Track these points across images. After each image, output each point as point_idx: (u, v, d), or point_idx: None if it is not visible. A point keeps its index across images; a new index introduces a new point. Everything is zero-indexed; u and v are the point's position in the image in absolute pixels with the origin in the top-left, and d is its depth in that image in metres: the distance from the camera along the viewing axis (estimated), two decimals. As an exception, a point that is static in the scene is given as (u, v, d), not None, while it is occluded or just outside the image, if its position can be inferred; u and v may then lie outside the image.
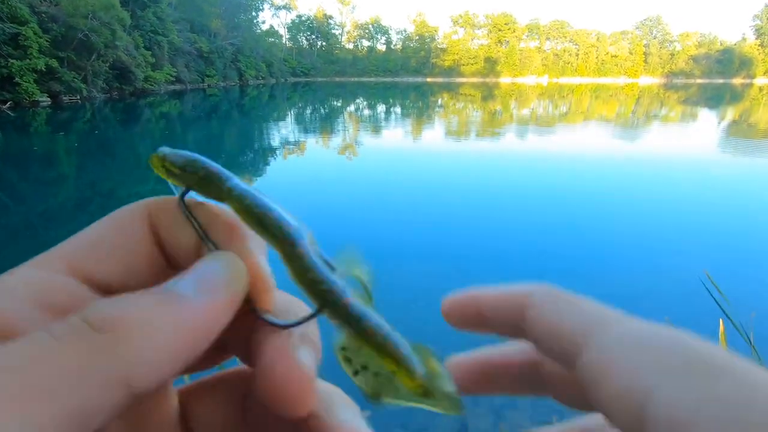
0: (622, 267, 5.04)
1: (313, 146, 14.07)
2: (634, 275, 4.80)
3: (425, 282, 4.64)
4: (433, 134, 17.26)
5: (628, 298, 4.25)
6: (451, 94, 45.95)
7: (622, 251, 5.51)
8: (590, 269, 5.00)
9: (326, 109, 30.02)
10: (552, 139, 15.91)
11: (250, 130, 18.93)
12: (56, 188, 8.93)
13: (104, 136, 15.82)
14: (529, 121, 21.63)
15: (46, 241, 2.46)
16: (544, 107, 31.82)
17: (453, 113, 26.94)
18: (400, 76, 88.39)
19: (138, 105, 27.15)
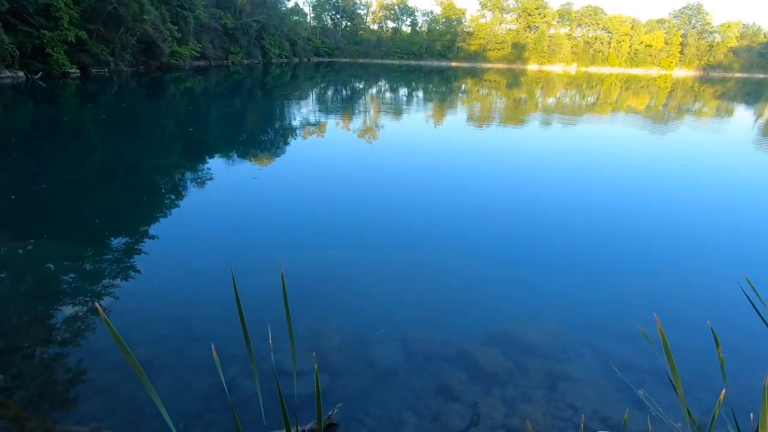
0: (656, 267, 4.90)
1: (334, 128, 14.02)
2: (672, 277, 4.68)
3: (433, 263, 4.63)
4: (454, 120, 16.97)
5: (665, 298, 4.16)
6: (476, 80, 44.94)
7: (653, 250, 5.36)
8: (623, 267, 4.89)
9: (348, 90, 29.77)
10: (578, 130, 15.46)
11: (272, 108, 18.95)
12: (83, 158, 9.16)
13: (130, 109, 16.07)
14: (555, 111, 21.05)
15: (73, 209, 2.53)
16: (571, 97, 30.87)
17: (476, 100, 26.39)
18: (424, 60, 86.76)
19: (163, 79, 27.42)
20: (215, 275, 4.31)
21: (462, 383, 2.87)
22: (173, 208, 6.41)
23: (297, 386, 2.71)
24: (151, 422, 2.46)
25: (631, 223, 6.23)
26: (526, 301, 4.04)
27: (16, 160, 8.36)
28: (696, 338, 3.40)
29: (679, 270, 4.84)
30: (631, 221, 6.33)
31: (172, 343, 3.15)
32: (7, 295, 3.83)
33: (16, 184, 6.87)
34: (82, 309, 3.60)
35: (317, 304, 3.73)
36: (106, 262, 4.49)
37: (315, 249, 4.95)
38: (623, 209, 6.85)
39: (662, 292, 4.31)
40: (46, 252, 4.63)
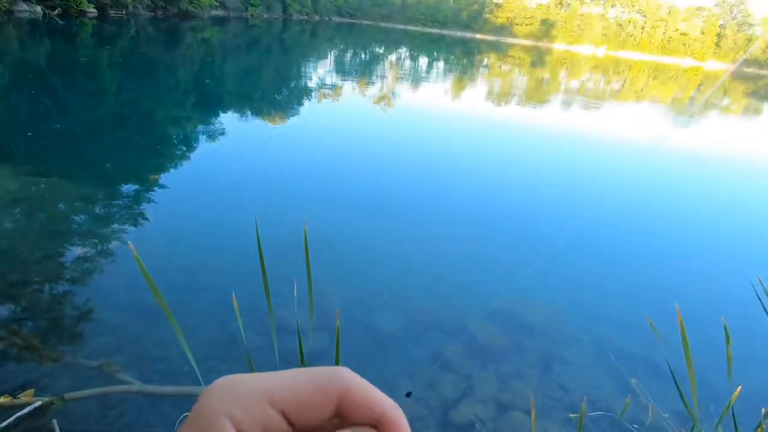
0: (665, 262, 4.87)
1: (350, 92, 13.76)
2: (681, 273, 4.66)
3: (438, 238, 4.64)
4: (472, 95, 16.58)
5: (671, 294, 4.16)
6: (499, 55, 43.56)
7: (664, 243, 5.32)
8: (629, 258, 4.87)
9: (367, 55, 29.04)
10: (596, 115, 15.06)
11: (289, 67, 18.59)
12: (98, 101, 9.11)
13: (147, 55, 15.83)
14: (576, 95, 20.46)
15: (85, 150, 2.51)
16: (596, 81, 29.92)
17: (497, 76, 25.68)
18: (448, 29, 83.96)
19: (181, 27, 26.84)
20: (222, 227, 4.36)
21: (458, 355, 2.93)
22: (183, 159, 6.41)
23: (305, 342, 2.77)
24: (157, 363, 2.55)
25: (643, 215, 6.15)
26: (529, 283, 4.06)
27: (32, 97, 8.34)
28: (700, 335, 3.41)
29: (690, 266, 4.81)
30: (643, 212, 6.25)
31: (178, 290, 3.21)
32: (21, 230, 3.90)
33: (32, 122, 6.87)
34: (91, 250, 3.67)
35: (322, 264, 3.77)
36: (115, 206, 4.54)
37: (322, 210, 4.96)
38: (635, 199, 6.75)
39: (669, 288, 4.31)
40: (58, 191, 4.68)
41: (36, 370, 2.44)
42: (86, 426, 2.08)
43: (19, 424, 2.01)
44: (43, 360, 2.52)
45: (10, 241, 3.65)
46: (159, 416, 2.23)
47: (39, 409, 2.10)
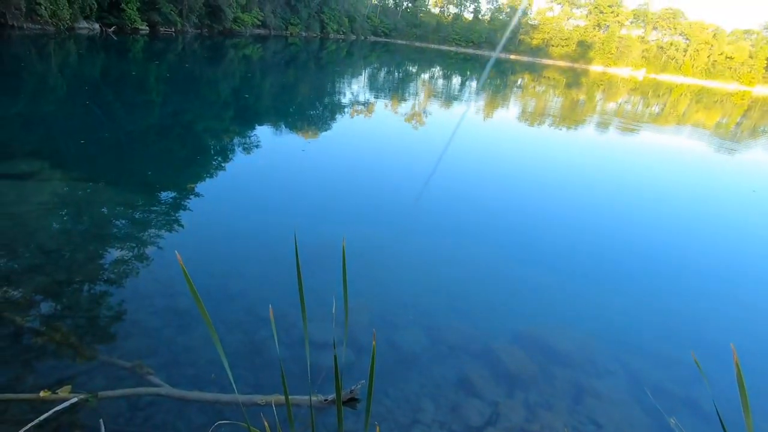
0: (705, 294, 4.63)
1: (382, 109, 13.96)
2: (721, 305, 4.41)
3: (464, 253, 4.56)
4: (504, 115, 16.47)
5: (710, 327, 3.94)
6: (534, 76, 43.25)
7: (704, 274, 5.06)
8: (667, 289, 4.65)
9: (401, 73, 29.47)
10: (634, 139, 14.61)
11: (324, 83, 19.09)
12: (144, 112, 9.62)
13: (191, 70, 16.65)
14: (613, 116, 19.96)
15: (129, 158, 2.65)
16: (634, 104, 29.13)
17: (531, 96, 25.44)
18: (482, 49, 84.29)
19: (224, 44, 28.16)
20: (253, 237, 4.46)
21: (484, 380, 2.85)
22: (220, 170, 6.64)
23: (327, 357, 2.78)
24: (186, 368, 2.61)
25: (682, 243, 5.87)
26: (559, 308, 3.93)
27: (86, 107, 8.90)
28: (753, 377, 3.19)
29: (741, 300, 4.53)
30: (682, 241, 5.96)
31: (209, 297, 3.29)
32: (67, 231, 4.12)
33: (84, 130, 7.33)
34: (129, 254, 3.83)
35: (350, 279, 3.78)
36: (154, 212, 4.73)
37: (350, 224, 5.00)
38: (673, 227, 6.46)
39: (708, 320, 4.06)
40: (103, 196, 4.93)
41: (73, 367, 2.54)
42: (116, 425, 2.14)
43: (57, 418, 2.10)
44: (80, 357, 2.63)
45: (58, 242, 3.86)
46: (184, 421, 2.26)
47: (75, 405, 2.18)
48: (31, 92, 9.78)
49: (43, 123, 7.57)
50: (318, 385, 2.54)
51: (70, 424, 2.15)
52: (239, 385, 2.56)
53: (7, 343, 2.67)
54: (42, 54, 15.17)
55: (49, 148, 6.35)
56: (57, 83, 11.08)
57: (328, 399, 2.41)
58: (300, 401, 2.34)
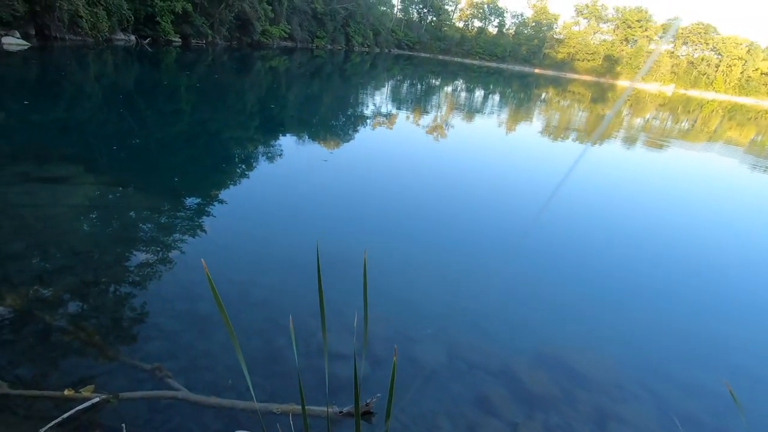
0: (741, 321, 4.42)
1: (404, 121, 14.02)
2: (758, 334, 4.21)
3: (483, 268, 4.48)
4: (528, 129, 16.30)
5: (745, 356, 3.75)
6: (558, 90, 42.80)
7: (739, 301, 4.83)
8: (700, 314, 4.46)
9: (424, 86, 29.63)
10: (664, 156, 14.22)
11: (347, 95, 19.35)
12: (173, 120, 9.94)
13: (220, 80, 17.16)
14: (640, 132, 19.50)
15: (157, 165, 2.72)
16: (662, 120, 28.42)
17: (555, 110, 25.15)
18: (506, 63, 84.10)
19: (252, 56, 28.96)
20: (273, 246, 4.50)
21: (503, 399, 2.77)
22: (243, 178, 6.77)
23: (343, 368, 2.76)
24: (204, 373, 2.63)
25: (715, 266, 5.63)
26: (583, 329, 3.81)
27: (120, 115, 9.26)
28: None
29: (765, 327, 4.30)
30: (715, 264, 5.72)
31: (229, 303, 3.33)
32: (97, 233, 4.26)
33: (117, 137, 7.61)
34: (153, 257, 3.92)
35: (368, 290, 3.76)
36: (178, 218, 4.85)
37: (371, 237, 5.00)
38: (706, 248, 6.21)
39: (744, 349, 3.86)
40: (131, 200, 5.09)
41: (96, 366, 2.59)
42: (135, 426, 2.17)
43: (78, 416, 2.14)
44: (103, 357, 2.68)
45: (88, 244, 3.99)
46: (200, 426, 2.27)
47: (97, 405, 2.22)
48: (69, 100, 10.25)
49: (79, 129, 7.90)
50: (332, 397, 2.52)
51: (91, 423, 2.19)
52: (255, 392, 2.57)
53: (36, 340, 2.75)
54: (81, 64, 15.92)
55: (84, 153, 6.61)
56: (93, 91, 11.58)
57: (343, 411, 2.39)
58: (315, 412, 2.32)
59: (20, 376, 2.46)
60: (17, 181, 5.04)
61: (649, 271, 5.16)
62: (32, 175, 5.29)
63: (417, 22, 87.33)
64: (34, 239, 3.90)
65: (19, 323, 2.86)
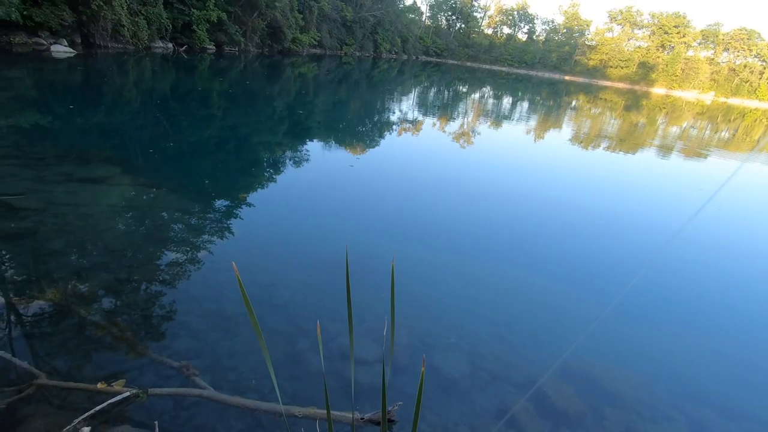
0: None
1: (430, 127, 14.00)
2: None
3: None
4: (556, 137, 15.96)
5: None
6: (589, 98, 41.81)
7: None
8: (738, 334, 4.24)
9: (450, 92, 29.53)
10: (703, 166, 13.63)
11: (374, 101, 19.49)
12: (206, 124, 10.26)
13: (251, 86, 17.62)
14: (676, 142, 18.76)
15: (189, 167, 2.80)
16: (701, 129, 27.29)
17: (586, 117, 24.55)
18: (535, 70, 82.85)
19: (282, 63, 29.63)
20: (299, 249, 4.56)
21: (527, 413, 2.70)
22: (271, 182, 6.90)
23: (364, 374, 2.75)
24: (228, 372, 2.68)
25: (760, 288, 5.33)
26: (612, 344, 3.67)
27: (156, 119, 9.63)
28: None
29: None
30: (760, 285, 5.41)
31: (255, 305, 3.38)
32: (131, 233, 4.43)
33: (153, 140, 7.92)
34: (183, 257, 4.04)
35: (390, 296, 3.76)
36: (208, 219, 4.98)
37: (395, 243, 4.99)
38: (746, 267, 5.89)
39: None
40: (164, 201, 5.27)
41: (127, 361, 2.69)
42: (162, 422, 2.23)
43: (110, 410, 2.22)
44: (133, 352, 2.78)
45: (123, 242, 4.16)
46: (224, 425, 2.31)
47: (127, 399, 2.30)
48: (110, 104, 10.74)
49: (118, 132, 8.26)
50: (350, 402, 2.52)
51: (121, 416, 2.26)
52: (280, 393, 2.59)
53: (72, 333, 2.87)
54: (122, 70, 16.68)
55: (122, 155, 6.90)
56: (132, 96, 12.10)
57: (364, 417, 2.38)
58: (337, 417, 2.32)
59: (56, 367, 2.57)
60: (60, 180, 5.31)
61: (688, 289, 4.93)
62: (74, 175, 5.56)
63: (445, 29, 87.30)
64: (73, 237, 4.09)
65: (58, 317, 3.00)
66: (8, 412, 2.22)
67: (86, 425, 2.12)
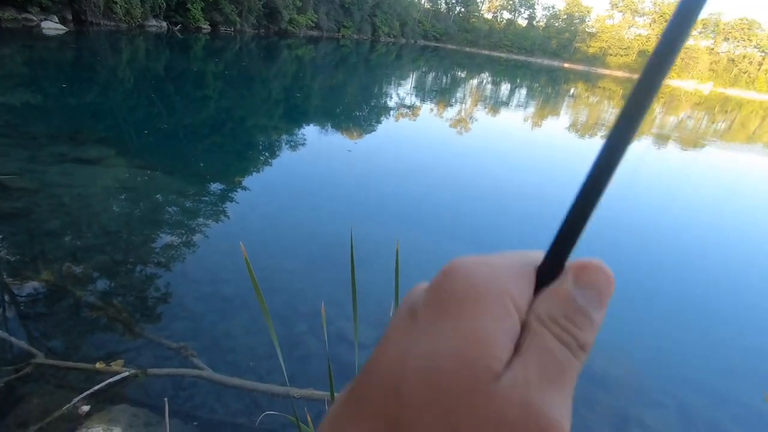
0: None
1: (427, 114, 13.90)
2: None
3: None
4: (555, 125, 15.93)
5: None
6: (588, 86, 41.63)
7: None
8: (739, 326, 4.31)
9: (448, 78, 29.27)
10: (699, 156, 13.69)
11: (371, 85, 19.28)
12: (200, 106, 10.11)
13: (247, 68, 17.36)
14: (672, 132, 18.79)
15: (184, 149, 2.76)
16: (697, 119, 27.33)
17: (583, 106, 24.48)
18: (534, 56, 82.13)
19: (279, 45, 29.14)
20: (295, 232, 4.55)
21: (521, 397, 2.74)
22: (267, 165, 6.85)
23: (363, 358, 2.78)
24: (226, 354, 2.69)
25: (756, 275, 5.41)
26: (606, 330, 3.72)
27: (150, 100, 9.48)
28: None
29: None
30: (756, 272, 5.49)
31: (250, 287, 3.39)
32: (126, 215, 4.39)
33: (147, 121, 7.80)
34: (178, 240, 4.02)
35: (389, 285, 3.78)
36: (204, 202, 4.95)
37: (396, 227, 4.99)
38: (743, 255, 5.97)
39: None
40: (159, 183, 5.22)
41: (124, 342, 2.69)
42: (160, 402, 2.24)
43: (108, 389, 2.23)
44: (130, 333, 2.78)
45: (118, 224, 4.12)
46: (223, 405, 2.34)
47: (125, 379, 2.31)
48: (103, 84, 10.55)
49: (111, 113, 8.13)
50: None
51: (120, 396, 2.27)
52: (274, 376, 2.62)
53: (67, 314, 2.87)
54: (114, 49, 16.34)
55: (116, 135, 6.80)
56: (126, 76, 11.88)
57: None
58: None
59: (53, 348, 2.57)
60: (54, 161, 5.23)
61: (683, 276, 4.99)
62: (68, 155, 5.48)
63: (445, 13, 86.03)
64: (68, 218, 4.05)
65: (53, 297, 2.99)
66: (7, 391, 2.22)
67: (86, 404, 2.13)
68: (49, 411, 2.11)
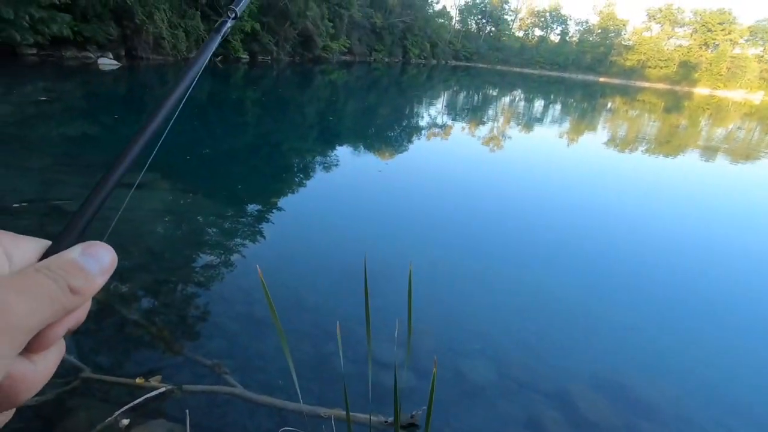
0: None
1: (458, 132, 13.92)
2: None
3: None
4: (591, 141, 15.51)
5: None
6: (626, 99, 40.39)
7: None
8: None
9: (480, 96, 29.26)
10: (750, 169, 12.88)
11: (403, 107, 19.57)
12: (239, 131, 10.61)
13: (283, 94, 18.11)
14: (721, 144, 17.81)
15: (223, 173, 2.93)
16: (749, 130, 25.79)
17: (622, 120, 23.73)
18: (568, 72, 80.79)
19: (313, 71, 30.25)
20: (328, 253, 4.64)
21: (556, 424, 2.63)
22: (301, 187, 7.06)
23: (389, 378, 2.77)
24: (257, 373, 2.76)
25: None
26: (647, 355, 3.53)
27: (193, 127, 10.05)
28: None
29: None
30: None
31: (283, 307, 3.48)
32: (169, 236, 4.64)
33: (190, 147, 8.26)
34: (217, 260, 4.19)
35: (415, 300, 3.76)
36: (240, 223, 5.15)
37: (423, 248, 4.99)
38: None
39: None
40: (199, 206, 5.48)
41: (163, 359, 2.82)
42: (195, 417, 2.32)
43: (147, 404, 2.34)
44: (169, 350, 2.91)
45: (162, 245, 4.36)
46: (254, 423, 2.39)
47: (163, 394, 2.41)
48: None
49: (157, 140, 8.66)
50: (379, 406, 2.54)
51: (157, 410, 2.37)
52: (303, 394, 2.65)
53: (113, 331, 3.04)
54: (162, 81, 17.52)
55: (161, 161, 7.23)
56: (171, 106, 12.66)
57: (388, 421, 2.40)
58: (361, 419, 2.35)
59: (99, 362, 2.73)
60: (105, 186, 5.62)
61: (732, 299, 4.68)
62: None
63: (475, 32, 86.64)
64: (117, 239, 4.33)
65: (101, 315, 3.18)
66: (57, 402, 2.38)
67: (126, 417, 2.24)
68: (94, 424, 2.23)
